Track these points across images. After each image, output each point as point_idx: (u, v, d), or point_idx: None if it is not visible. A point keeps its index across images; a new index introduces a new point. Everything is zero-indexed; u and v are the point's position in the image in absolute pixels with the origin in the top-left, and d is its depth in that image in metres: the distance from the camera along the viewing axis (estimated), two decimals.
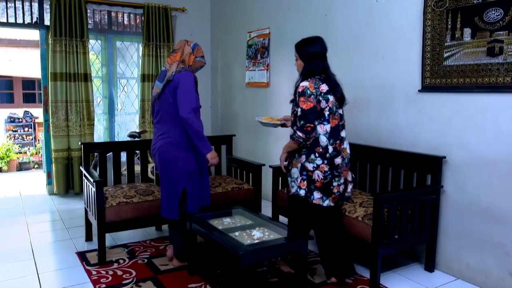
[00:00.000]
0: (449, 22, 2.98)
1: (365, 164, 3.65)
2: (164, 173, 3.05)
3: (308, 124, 2.66)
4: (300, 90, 2.74)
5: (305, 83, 2.73)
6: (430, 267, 3.13)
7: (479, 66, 2.83)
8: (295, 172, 2.84)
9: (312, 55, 2.80)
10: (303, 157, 2.78)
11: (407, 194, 2.95)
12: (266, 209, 3.61)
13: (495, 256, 2.82)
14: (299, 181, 2.81)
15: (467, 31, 2.88)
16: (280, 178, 3.69)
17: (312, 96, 2.69)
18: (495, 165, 2.79)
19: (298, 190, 2.82)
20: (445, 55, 3.02)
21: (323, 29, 4.12)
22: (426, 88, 3.17)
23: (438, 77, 3.08)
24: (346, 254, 2.93)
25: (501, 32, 2.69)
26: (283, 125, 3.14)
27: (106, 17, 5.54)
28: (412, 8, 3.23)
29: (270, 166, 3.79)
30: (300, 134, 2.68)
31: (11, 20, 4.97)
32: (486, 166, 2.83)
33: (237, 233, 2.70)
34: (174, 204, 3.06)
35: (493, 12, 2.72)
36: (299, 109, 2.70)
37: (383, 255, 2.83)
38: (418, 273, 3.12)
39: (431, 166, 3.09)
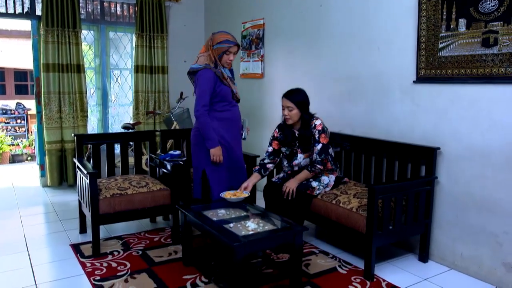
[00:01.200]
0: (444, 13, 2.97)
1: (359, 155, 3.66)
2: (192, 157, 3.37)
3: (327, 157, 3.21)
4: (319, 128, 3.20)
5: (320, 121, 3.22)
6: (424, 257, 3.15)
7: (474, 57, 2.82)
8: (325, 179, 3.31)
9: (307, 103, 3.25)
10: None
11: (401, 185, 2.96)
12: (260, 200, 3.61)
13: (488, 246, 2.84)
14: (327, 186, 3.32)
15: (462, 22, 2.87)
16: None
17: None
18: (489, 156, 2.80)
19: (322, 190, 3.29)
20: (440, 46, 3.01)
21: (318, 20, 4.10)
22: (421, 79, 3.16)
23: (433, 68, 3.07)
24: None
25: (496, 23, 2.68)
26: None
27: (98, 7, 5.48)
28: None
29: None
30: (319, 166, 3.20)
31: (2, 10, 4.90)
32: (480, 157, 2.84)
33: (231, 225, 2.70)
34: (197, 186, 3.33)
35: (488, 2, 2.71)
36: (319, 145, 3.18)
37: (377, 246, 2.84)
38: (412, 264, 3.14)
39: (426, 157, 3.09)
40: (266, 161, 3.45)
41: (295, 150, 3.34)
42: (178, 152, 3.73)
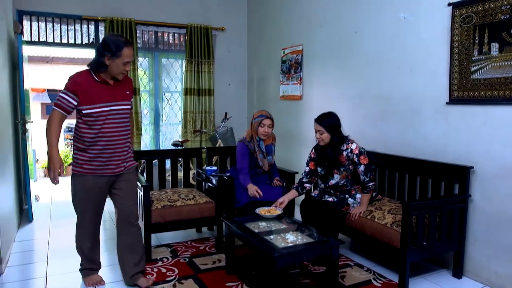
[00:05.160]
0: (477, 37, 2.88)
1: (393, 173, 3.56)
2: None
3: (373, 173, 3.24)
4: (356, 151, 3.15)
5: (355, 145, 3.18)
6: (458, 273, 3.01)
7: (507, 80, 2.71)
8: (359, 196, 3.25)
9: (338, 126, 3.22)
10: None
11: (435, 202, 2.85)
12: (296, 214, 3.59)
13: None
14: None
15: (495, 46, 2.77)
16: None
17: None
18: None
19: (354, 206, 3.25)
20: (473, 69, 2.92)
21: (354, 45, 4.08)
22: (453, 100, 3.07)
23: (465, 90, 2.98)
24: None
25: None
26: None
27: (153, 36, 5.70)
28: (439, 24, 3.15)
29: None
30: (371, 184, 3.17)
31: (71, 41, 5.20)
32: None
33: (272, 237, 2.69)
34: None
35: None
36: (362, 166, 3.14)
37: (411, 261, 2.74)
38: (446, 279, 3.00)
39: (459, 175, 2.97)
40: (304, 180, 3.42)
41: (331, 171, 3.29)
42: (214, 168, 3.80)
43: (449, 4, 3.06)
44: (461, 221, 2.94)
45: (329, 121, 3.17)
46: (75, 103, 2.52)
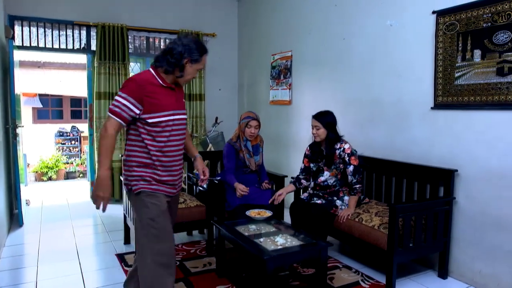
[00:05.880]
0: (460, 44, 2.94)
1: (380, 176, 3.60)
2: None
3: (360, 176, 3.24)
4: (348, 151, 3.21)
5: (348, 145, 3.24)
6: (443, 274, 3.04)
7: (489, 85, 2.77)
8: (347, 198, 3.28)
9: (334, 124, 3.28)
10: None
11: (421, 205, 2.89)
12: (286, 217, 3.60)
13: (506, 265, 2.71)
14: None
15: (477, 53, 2.83)
16: (301, 190, 3.67)
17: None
18: (505, 178, 2.70)
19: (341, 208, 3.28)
20: (456, 75, 2.97)
21: (342, 51, 4.13)
22: (438, 105, 3.11)
23: (450, 95, 3.03)
24: None
25: (510, 53, 2.63)
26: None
27: (144, 42, 5.69)
28: (424, 31, 3.20)
29: (292, 178, 3.77)
30: (359, 186, 3.21)
31: (63, 46, 5.17)
32: (496, 178, 2.75)
33: (262, 239, 2.69)
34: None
35: (502, 34, 2.67)
36: (351, 167, 3.20)
37: (398, 262, 2.77)
38: (431, 280, 3.03)
39: (444, 178, 3.02)
40: (300, 176, 3.52)
41: (321, 168, 3.34)
42: None
43: (433, 12, 3.11)
44: (446, 223, 2.98)
45: (326, 118, 3.24)
46: (138, 111, 2.05)
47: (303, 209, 3.29)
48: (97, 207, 2.03)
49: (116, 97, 2.05)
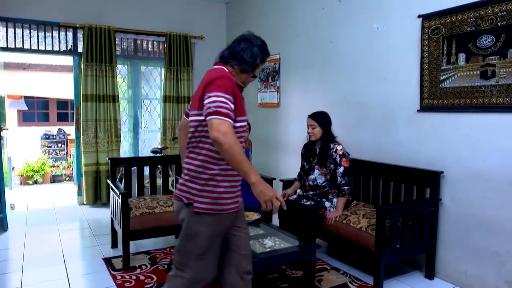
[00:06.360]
0: (445, 48, 2.97)
1: (368, 178, 3.62)
2: None
3: (350, 178, 3.27)
4: (340, 153, 3.27)
5: (341, 147, 3.30)
6: (430, 274, 3.06)
7: (473, 88, 2.80)
8: (335, 200, 3.29)
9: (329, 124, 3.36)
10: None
11: (407, 206, 2.91)
12: (274, 219, 3.59)
13: (491, 265, 2.75)
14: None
15: (462, 56, 2.86)
16: None
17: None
18: (489, 179, 2.74)
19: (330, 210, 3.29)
20: (442, 78, 3.00)
21: (330, 54, 4.14)
22: (424, 108, 3.14)
23: (435, 98, 3.06)
24: None
25: (493, 57, 2.67)
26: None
27: (132, 44, 5.64)
28: (410, 35, 3.23)
29: (280, 180, 3.77)
30: (347, 187, 3.24)
31: (49, 48, 5.09)
32: (481, 180, 2.79)
33: (250, 242, 2.67)
34: None
35: (486, 38, 2.71)
36: (341, 168, 3.25)
37: (385, 263, 2.78)
38: (418, 281, 3.05)
39: (430, 180, 3.04)
40: (301, 173, 3.59)
41: (313, 166, 3.38)
42: None
43: (419, 16, 3.15)
44: (432, 224, 3.01)
45: (322, 118, 3.34)
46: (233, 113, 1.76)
47: (291, 211, 3.29)
48: (275, 210, 1.81)
49: (216, 98, 1.70)
